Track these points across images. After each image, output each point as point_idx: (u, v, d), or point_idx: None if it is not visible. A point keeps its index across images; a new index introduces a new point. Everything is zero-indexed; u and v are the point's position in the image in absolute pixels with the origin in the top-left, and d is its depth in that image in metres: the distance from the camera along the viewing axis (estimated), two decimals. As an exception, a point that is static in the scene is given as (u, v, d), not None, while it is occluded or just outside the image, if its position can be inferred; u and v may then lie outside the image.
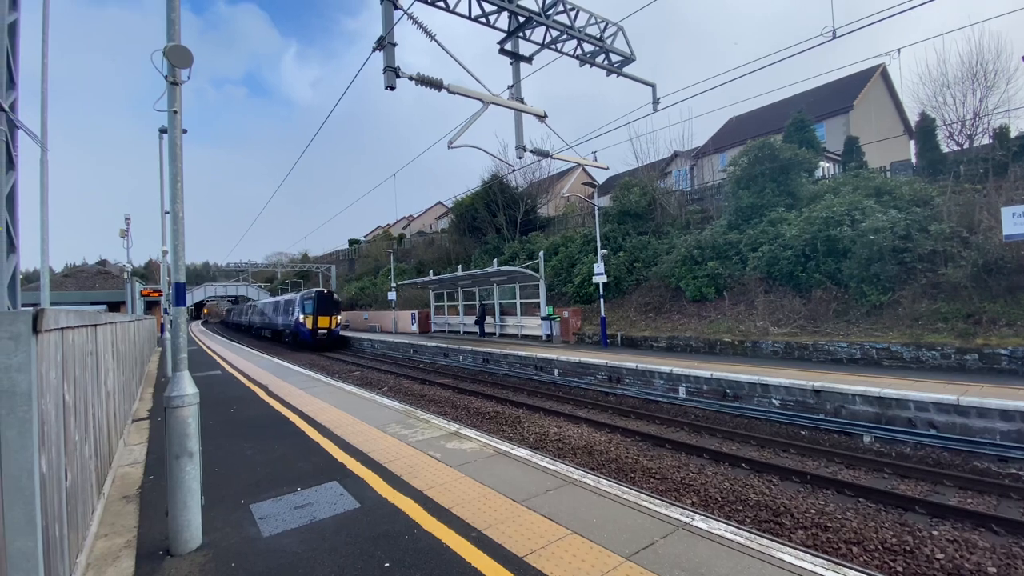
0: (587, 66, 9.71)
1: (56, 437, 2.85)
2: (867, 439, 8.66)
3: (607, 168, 13.22)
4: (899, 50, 10.29)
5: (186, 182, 4.15)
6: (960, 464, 7.48)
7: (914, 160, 19.71)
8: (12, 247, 6.08)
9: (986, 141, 17.45)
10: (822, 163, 22.54)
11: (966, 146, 18.21)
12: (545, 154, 10.79)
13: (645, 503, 4.42)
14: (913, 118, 22.72)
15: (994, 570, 4.70)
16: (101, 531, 4.21)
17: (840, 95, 29.96)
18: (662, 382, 12.74)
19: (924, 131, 18.92)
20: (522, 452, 6.09)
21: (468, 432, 7.12)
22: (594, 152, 18.26)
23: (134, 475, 5.77)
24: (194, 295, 68.96)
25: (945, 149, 18.75)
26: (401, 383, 16.57)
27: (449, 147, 8.57)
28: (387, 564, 3.50)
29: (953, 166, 16.92)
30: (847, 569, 3.31)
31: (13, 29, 6.01)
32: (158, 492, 4.96)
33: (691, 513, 4.24)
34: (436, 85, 7.63)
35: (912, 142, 23.53)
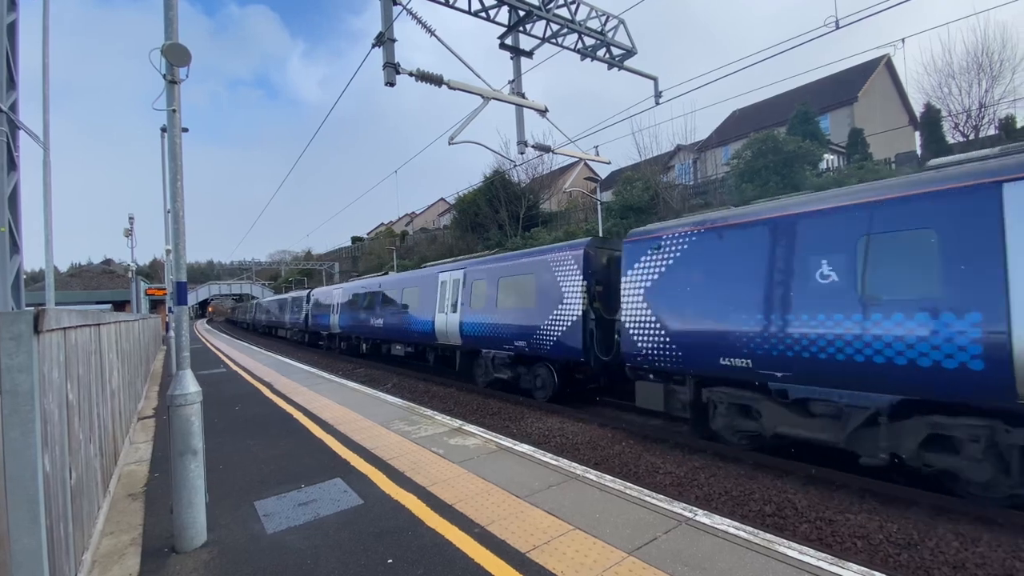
0: (589, 61, 9.65)
1: (60, 436, 2.86)
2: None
3: (609, 163, 13.14)
4: (903, 40, 10.20)
5: (194, 182, 4.20)
6: None
7: (919, 151, 19.52)
8: (15, 247, 6.11)
9: (992, 132, 17.30)
10: (826, 155, 22.41)
11: (972, 137, 18.06)
12: (547, 149, 10.72)
13: (648, 498, 4.42)
14: (918, 109, 22.55)
15: None
16: (107, 529, 4.23)
17: (844, 87, 29.67)
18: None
19: (929, 122, 18.76)
20: (525, 448, 6.09)
21: (471, 428, 7.13)
22: (596, 147, 18.20)
23: (140, 473, 5.81)
24: (198, 293, 69.48)
25: (951, 140, 18.58)
26: (405, 380, 16.59)
27: (450, 143, 8.54)
28: (390, 560, 3.52)
29: (959, 157, 16.75)
30: (851, 563, 3.30)
31: (12, 29, 6.02)
32: (163, 489, 4.98)
33: (694, 508, 4.23)
34: (436, 81, 7.61)
35: (917, 133, 23.33)
